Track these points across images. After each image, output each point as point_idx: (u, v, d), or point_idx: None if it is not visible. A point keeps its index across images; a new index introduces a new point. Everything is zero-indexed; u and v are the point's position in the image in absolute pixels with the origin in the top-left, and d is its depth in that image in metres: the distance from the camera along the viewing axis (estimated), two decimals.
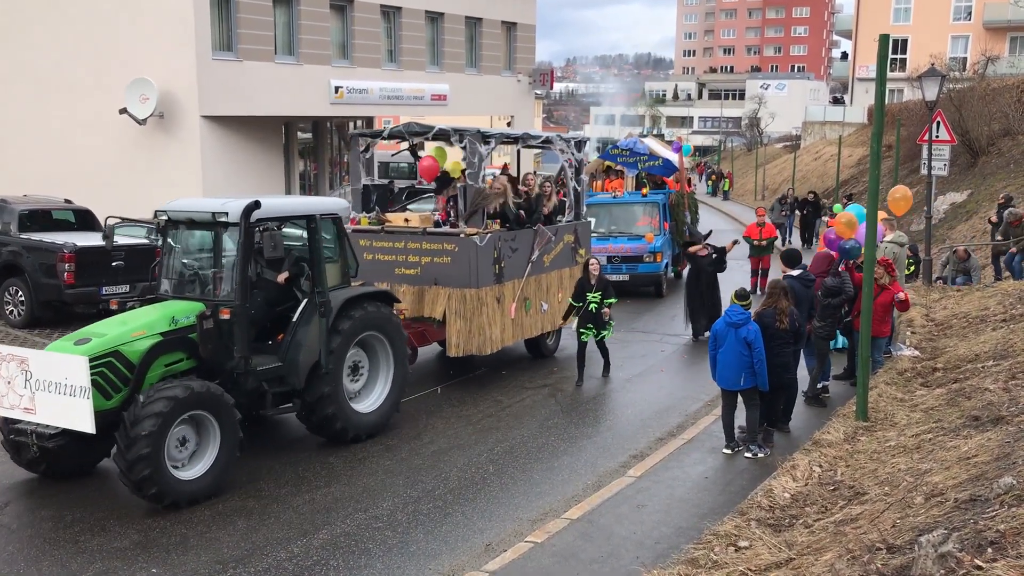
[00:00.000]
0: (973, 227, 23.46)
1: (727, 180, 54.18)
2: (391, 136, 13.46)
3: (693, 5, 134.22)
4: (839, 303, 11.61)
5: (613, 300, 13.18)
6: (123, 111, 22.83)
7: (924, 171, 19.09)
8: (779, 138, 72.53)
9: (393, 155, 28.50)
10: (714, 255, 16.07)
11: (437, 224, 13.18)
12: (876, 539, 5.92)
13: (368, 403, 10.92)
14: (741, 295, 10.13)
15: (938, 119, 18.50)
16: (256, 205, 9.47)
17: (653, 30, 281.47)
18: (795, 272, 11.66)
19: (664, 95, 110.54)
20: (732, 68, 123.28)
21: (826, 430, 9.71)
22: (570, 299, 13.37)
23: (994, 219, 18.86)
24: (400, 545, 8.02)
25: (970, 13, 49.04)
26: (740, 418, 10.32)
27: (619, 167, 22.91)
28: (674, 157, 22.52)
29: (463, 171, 13.54)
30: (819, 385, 12.13)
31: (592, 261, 13.22)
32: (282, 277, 10.24)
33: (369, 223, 13.36)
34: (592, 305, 12.94)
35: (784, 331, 10.23)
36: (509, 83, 35.24)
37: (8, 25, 24.98)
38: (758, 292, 18.87)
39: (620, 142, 23.22)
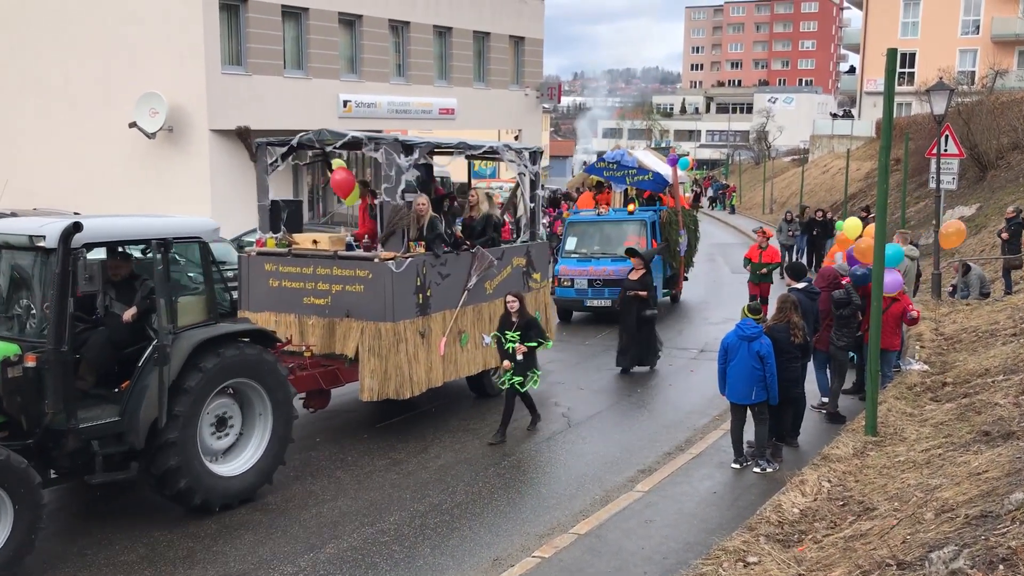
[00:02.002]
0: (982, 241, 23.38)
1: (735, 194, 54.25)
2: (300, 145, 11.73)
3: (701, 20, 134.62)
4: (850, 313, 11.57)
5: (535, 344, 11.27)
6: (133, 125, 22.97)
7: (933, 185, 19.06)
8: (787, 152, 72.62)
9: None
10: (646, 298, 14.64)
11: (350, 247, 11.69)
12: (886, 555, 5.87)
13: (235, 465, 9.14)
14: (753, 309, 10.14)
15: (946, 133, 18.48)
16: (76, 227, 7.85)
17: (661, 44, 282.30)
18: (800, 285, 11.65)
19: (672, 109, 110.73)
20: (740, 82, 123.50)
21: (835, 445, 9.66)
22: (495, 332, 11.66)
23: (1005, 235, 18.79)
24: (407, 560, 7.99)
25: (978, 27, 49.06)
26: (749, 433, 10.28)
27: (608, 182, 21.17)
28: (666, 170, 20.69)
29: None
30: (824, 399, 12.11)
31: (509, 298, 11.38)
32: (129, 314, 8.59)
33: (276, 245, 11.78)
34: (508, 346, 11.26)
35: (794, 345, 10.21)
36: (517, 97, 35.34)
37: (19, 39, 25.18)
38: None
39: (607, 154, 21.48)
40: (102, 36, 23.89)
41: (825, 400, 12.12)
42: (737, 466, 10.08)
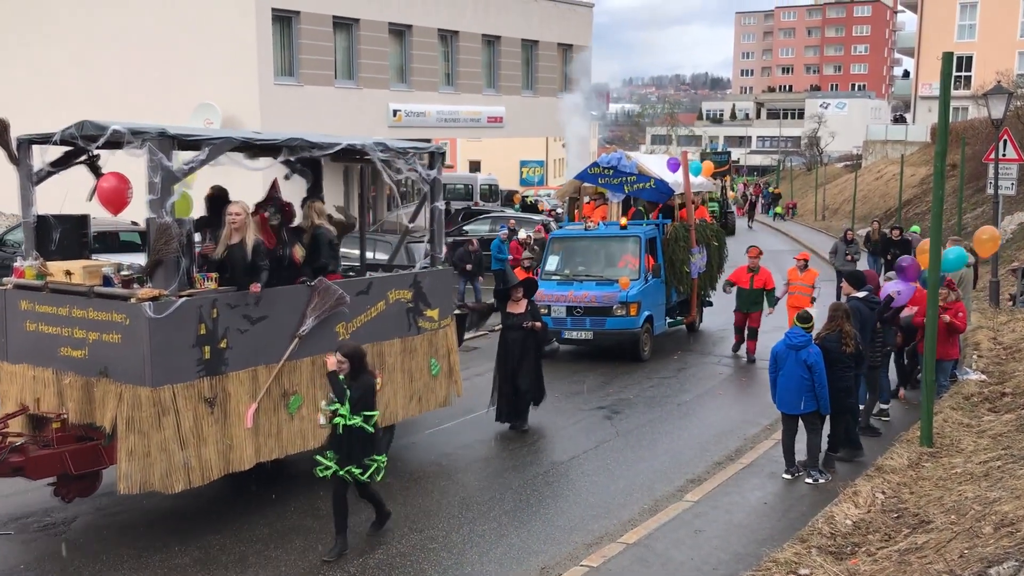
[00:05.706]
0: None
1: (780, 200, 53.71)
2: (63, 141, 9.01)
3: (751, 25, 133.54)
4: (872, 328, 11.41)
5: (357, 419, 7.89)
6: None
7: (990, 190, 18.69)
8: (839, 157, 71.68)
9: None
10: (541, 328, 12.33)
11: (107, 281, 8.74)
12: (942, 569, 5.76)
13: None
14: (803, 318, 10.03)
15: (1005, 137, 18.12)
16: None
17: (712, 50, 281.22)
18: (860, 294, 11.44)
19: (722, 115, 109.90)
20: (791, 87, 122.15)
21: (889, 456, 9.51)
22: (323, 404, 8.38)
23: None
24: (455, 567, 8.02)
25: None
26: (801, 443, 10.15)
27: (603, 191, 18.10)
28: (672, 177, 17.94)
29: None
30: (883, 406, 11.94)
31: (330, 355, 8.16)
32: None
33: (35, 277, 9.05)
34: (338, 420, 7.96)
35: (847, 355, 10.06)
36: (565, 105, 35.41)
37: (74, 51, 25.86)
38: (741, 353, 16.33)
39: (601, 159, 18.24)
40: (157, 47, 24.43)
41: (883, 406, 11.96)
42: (788, 476, 9.96)
